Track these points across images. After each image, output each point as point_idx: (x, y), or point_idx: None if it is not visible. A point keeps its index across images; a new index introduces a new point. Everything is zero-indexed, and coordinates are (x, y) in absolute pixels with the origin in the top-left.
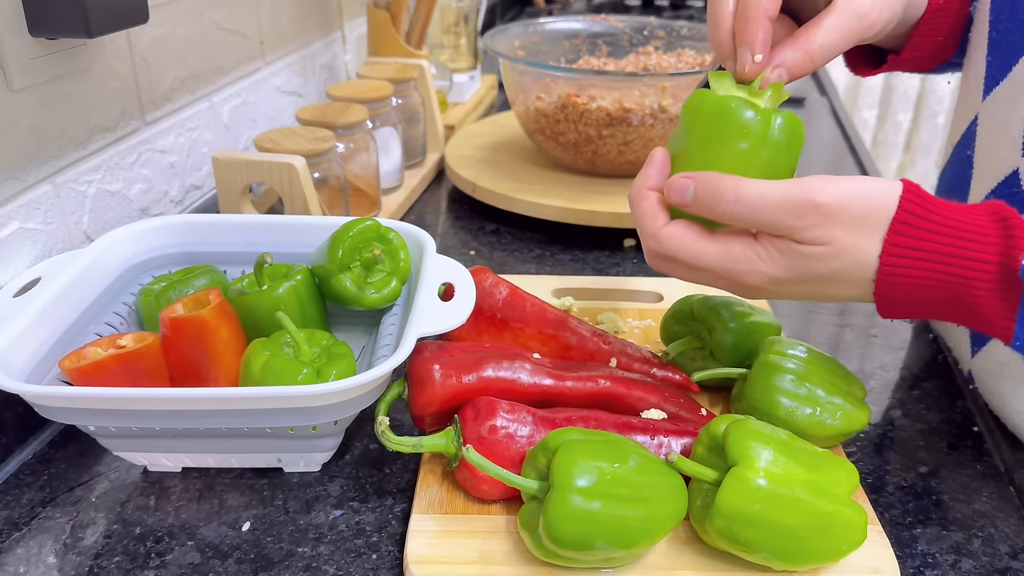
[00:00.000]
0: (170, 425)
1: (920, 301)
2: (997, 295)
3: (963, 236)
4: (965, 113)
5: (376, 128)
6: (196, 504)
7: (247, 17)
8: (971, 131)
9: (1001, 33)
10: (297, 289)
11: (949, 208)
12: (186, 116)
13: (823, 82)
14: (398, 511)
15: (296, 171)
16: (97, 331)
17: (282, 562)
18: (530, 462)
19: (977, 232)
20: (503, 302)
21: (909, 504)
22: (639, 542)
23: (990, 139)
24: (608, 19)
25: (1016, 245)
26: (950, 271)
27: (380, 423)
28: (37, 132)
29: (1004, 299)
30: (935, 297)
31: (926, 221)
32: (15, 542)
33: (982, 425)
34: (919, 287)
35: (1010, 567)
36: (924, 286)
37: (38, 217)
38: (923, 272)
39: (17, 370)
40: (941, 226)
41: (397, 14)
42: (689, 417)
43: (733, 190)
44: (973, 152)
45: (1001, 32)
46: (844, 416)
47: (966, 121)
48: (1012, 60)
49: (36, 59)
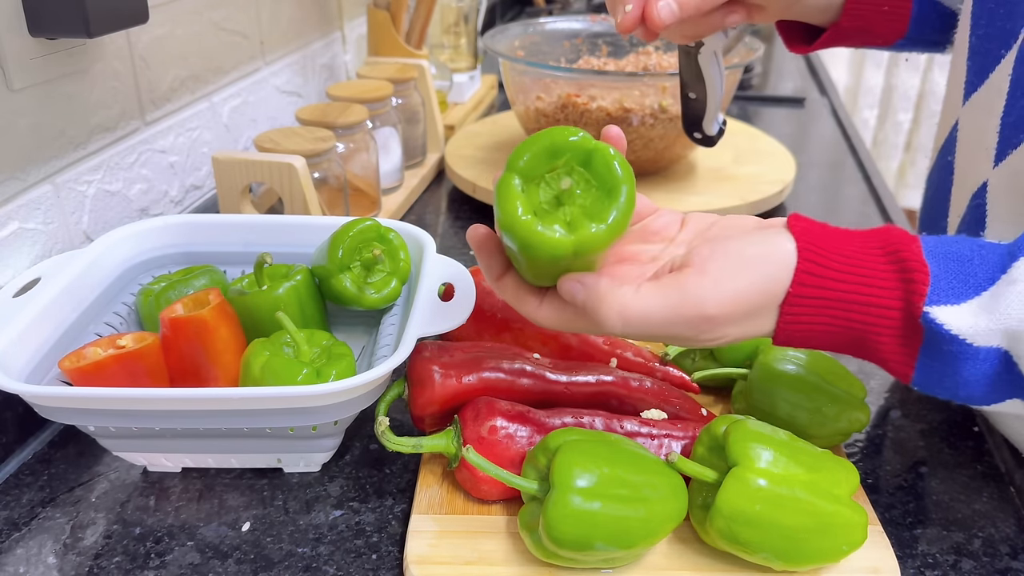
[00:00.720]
0: (170, 425)
1: (820, 344)
2: (898, 341)
3: (863, 283)
4: (948, 117)
5: (376, 128)
6: (196, 504)
7: (247, 17)
8: (952, 136)
9: (980, 39)
10: (297, 289)
11: (846, 252)
12: (186, 116)
13: (823, 82)
14: (398, 511)
15: (296, 171)
16: (97, 331)
17: (282, 562)
18: (530, 462)
19: (877, 279)
20: (503, 302)
21: (909, 504)
22: (639, 542)
23: (969, 146)
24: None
25: (916, 291)
26: (851, 317)
27: (380, 423)
28: (37, 132)
29: (904, 345)
30: (836, 341)
31: (825, 269)
32: (15, 542)
33: (982, 425)
34: (820, 333)
35: (1010, 567)
36: (825, 332)
37: (38, 217)
38: (824, 319)
39: (17, 370)
40: (841, 273)
41: (397, 14)
42: (689, 417)
43: (619, 314)
44: (954, 158)
45: (980, 38)
46: (844, 416)
47: (948, 126)
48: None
49: (36, 59)
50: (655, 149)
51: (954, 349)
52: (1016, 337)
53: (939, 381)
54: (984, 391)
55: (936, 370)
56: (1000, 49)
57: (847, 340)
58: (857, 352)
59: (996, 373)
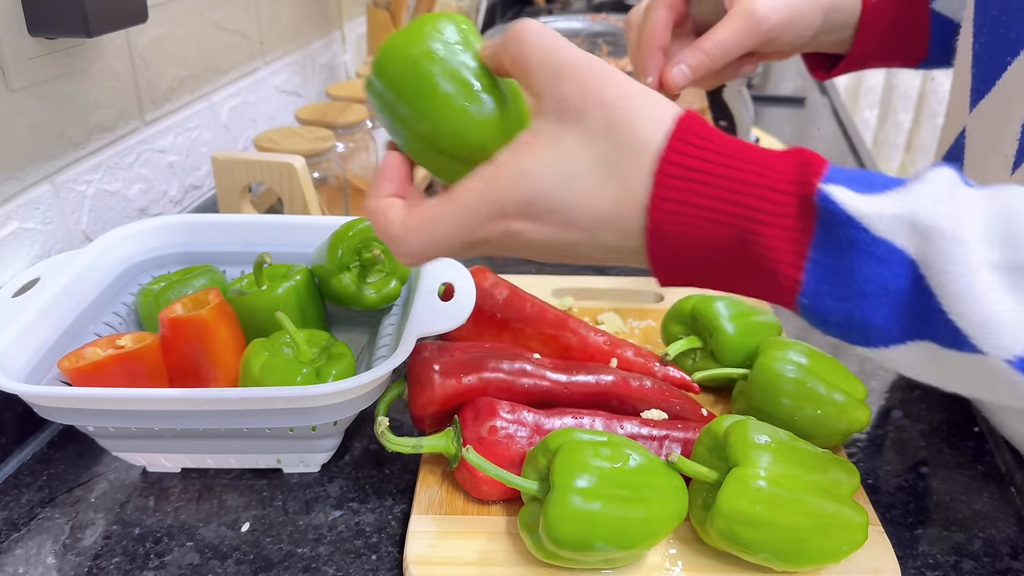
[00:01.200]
0: (169, 425)
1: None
2: (788, 233)
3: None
4: (953, 123)
5: (376, 128)
6: (195, 505)
7: (246, 17)
8: (959, 143)
9: (984, 47)
10: (297, 289)
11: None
12: (185, 116)
13: (824, 82)
14: (398, 512)
15: (295, 171)
16: (96, 331)
17: (281, 563)
18: (530, 463)
19: (767, 162)
20: (503, 302)
21: (910, 505)
22: (639, 543)
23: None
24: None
25: (812, 171)
26: (736, 200)
27: (380, 423)
28: (36, 132)
29: (794, 240)
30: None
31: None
32: (14, 543)
33: (983, 426)
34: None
35: (1011, 568)
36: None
37: (37, 217)
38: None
39: (16, 370)
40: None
41: (397, 13)
42: (689, 417)
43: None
44: (963, 164)
45: (984, 45)
46: (845, 416)
47: (954, 132)
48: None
49: (35, 59)
50: None
51: (851, 235)
52: (926, 236)
53: (832, 290)
54: (886, 315)
55: (829, 271)
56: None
57: (729, 237)
58: (739, 260)
59: (901, 292)
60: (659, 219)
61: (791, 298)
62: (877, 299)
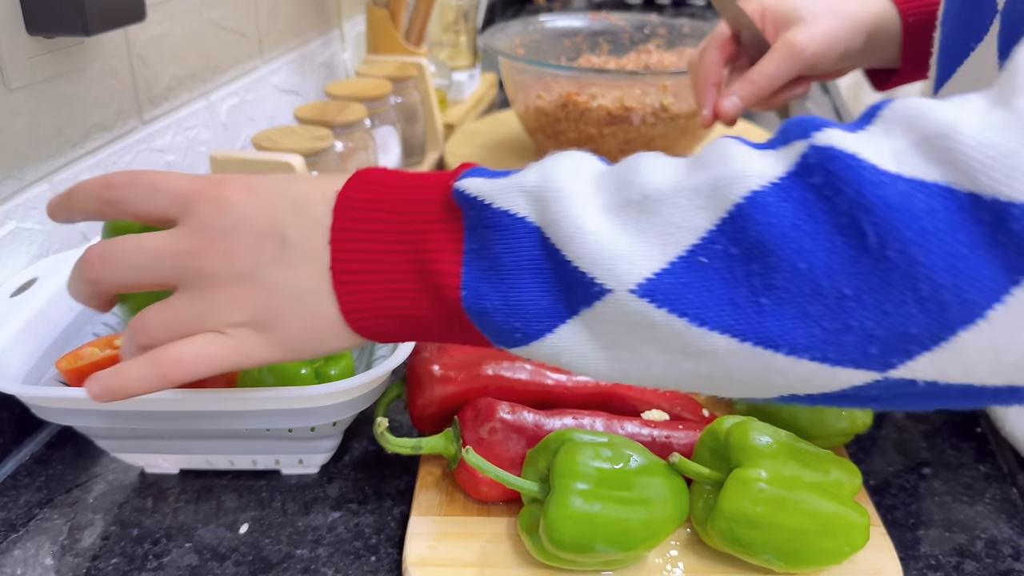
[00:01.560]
0: (168, 426)
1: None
2: (445, 234)
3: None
4: None
5: (375, 127)
6: (194, 506)
7: (245, 15)
8: None
9: (948, 36)
10: None
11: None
12: (184, 115)
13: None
14: (397, 513)
15: (294, 170)
16: (94, 331)
17: (280, 564)
18: (530, 464)
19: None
20: None
21: (911, 506)
22: (640, 544)
23: None
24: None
25: (454, 175)
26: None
27: (379, 424)
28: (34, 131)
29: (451, 239)
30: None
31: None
32: (12, 544)
33: (985, 426)
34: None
35: (1013, 569)
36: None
37: (35, 217)
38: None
39: (14, 371)
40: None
41: (396, 12)
42: (690, 418)
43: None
44: None
45: (948, 34)
46: (846, 417)
47: None
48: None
49: (33, 58)
50: (656, 148)
51: (482, 215)
52: (540, 198)
53: (484, 274)
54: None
55: (478, 257)
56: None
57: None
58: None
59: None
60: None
61: (455, 294)
62: (520, 273)
